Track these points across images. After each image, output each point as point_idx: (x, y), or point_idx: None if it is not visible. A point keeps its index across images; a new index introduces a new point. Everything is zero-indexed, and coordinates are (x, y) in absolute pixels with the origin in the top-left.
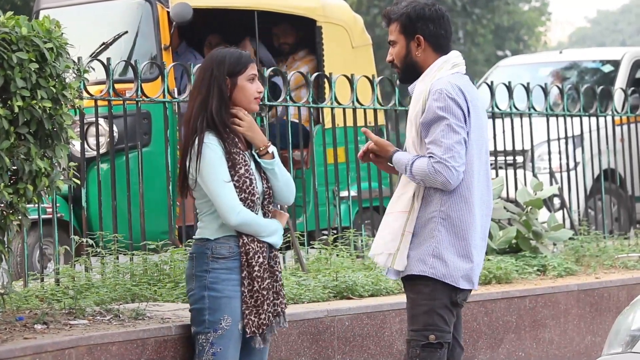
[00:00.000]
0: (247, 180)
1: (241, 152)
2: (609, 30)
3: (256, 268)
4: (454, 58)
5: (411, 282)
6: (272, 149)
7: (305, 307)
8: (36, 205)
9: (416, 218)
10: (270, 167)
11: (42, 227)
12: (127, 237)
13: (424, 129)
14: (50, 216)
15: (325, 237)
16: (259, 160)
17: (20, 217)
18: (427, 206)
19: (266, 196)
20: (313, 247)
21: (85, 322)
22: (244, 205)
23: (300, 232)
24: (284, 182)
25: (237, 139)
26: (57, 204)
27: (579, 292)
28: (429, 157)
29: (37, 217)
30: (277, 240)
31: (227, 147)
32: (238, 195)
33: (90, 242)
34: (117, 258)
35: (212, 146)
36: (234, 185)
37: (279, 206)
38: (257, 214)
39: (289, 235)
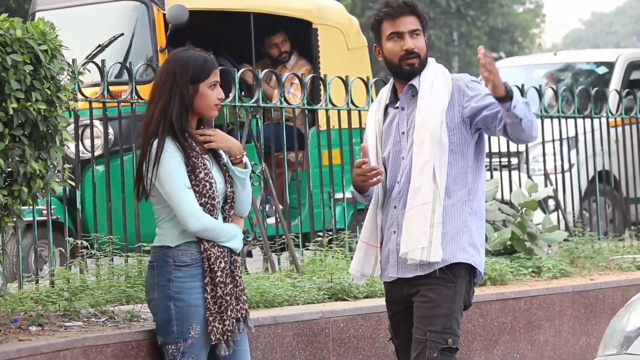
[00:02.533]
0: (207, 184)
1: (200, 155)
2: (603, 32)
3: (218, 274)
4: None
5: (436, 280)
6: (245, 158)
7: (300, 309)
8: (31, 207)
9: (442, 208)
10: (243, 176)
11: (37, 229)
12: (121, 239)
13: (478, 105)
14: (45, 218)
15: (320, 238)
16: (231, 168)
17: (15, 219)
18: (450, 195)
19: (228, 200)
20: (308, 249)
21: (80, 324)
22: (204, 210)
23: (295, 234)
24: (247, 193)
25: (194, 143)
26: (52, 206)
27: (573, 293)
28: None
29: (32, 219)
30: (237, 244)
31: (186, 152)
32: (198, 200)
33: (85, 243)
34: (112, 260)
35: (171, 151)
36: (194, 189)
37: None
38: (216, 218)
39: (284, 237)
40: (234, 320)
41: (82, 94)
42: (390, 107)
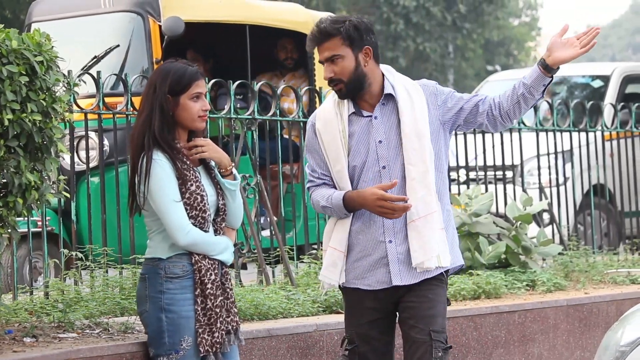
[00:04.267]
0: (198, 197)
1: (191, 167)
2: (599, 45)
3: (209, 286)
4: (390, 67)
5: (433, 281)
6: (234, 170)
7: (294, 322)
8: (26, 218)
9: (441, 214)
10: (234, 188)
11: (31, 240)
12: (116, 250)
13: (457, 104)
14: (40, 229)
15: (314, 251)
16: (221, 180)
17: (9, 230)
18: (442, 200)
19: (220, 212)
20: (302, 262)
21: (75, 336)
22: (195, 223)
23: (289, 247)
24: (238, 205)
25: (184, 156)
26: (47, 217)
27: (568, 307)
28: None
29: (26, 230)
30: (227, 257)
31: (176, 164)
32: (189, 213)
33: (80, 255)
34: (107, 271)
35: (161, 163)
36: (185, 202)
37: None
38: (207, 231)
39: (278, 249)
40: (223, 332)
41: (78, 106)
42: (354, 116)
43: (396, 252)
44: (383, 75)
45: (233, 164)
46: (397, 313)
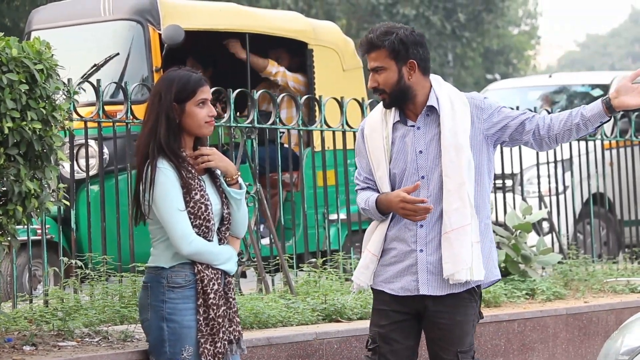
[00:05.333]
0: (203, 206)
1: (196, 176)
2: (599, 54)
3: (211, 295)
4: (439, 78)
5: (463, 295)
6: (240, 179)
7: (293, 330)
8: (25, 226)
9: (477, 227)
10: (239, 197)
11: (31, 248)
12: (116, 258)
13: (502, 120)
14: (40, 237)
15: (314, 259)
16: (226, 189)
17: (9, 239)
18: (479, 213)
19: (225, 221)
20: (302, 270)
21: (74, 344)
22: (199, 232)
23: (289, 255)
24: (243, 214)
25: (189, 165)
26: (47, 225)
27: (567, 316)
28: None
29: (26, 238)
30: (231, 267)
31: (180, 172)
32: (193, 222)
33: (80, 263)
34: (107, 280)
35: (165, 171)
36: (189, 211)
37: None
38: (211, 240)
39: (278, 258)
40: (225, 342)
41: (78, 114)
42: (399, 124)
43: (426, 261)
44: (431, 86)
45: (239, 173)
46: (423, 323)
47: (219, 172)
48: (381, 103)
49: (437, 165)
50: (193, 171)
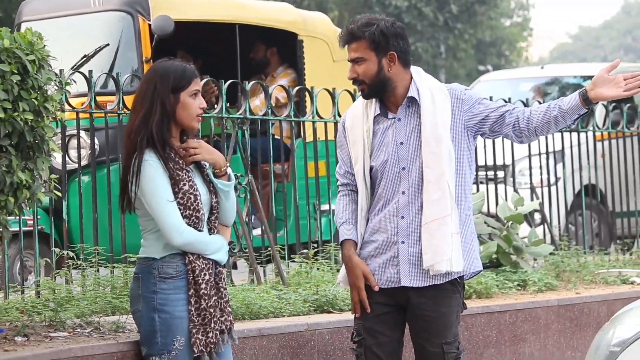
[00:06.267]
0: (192, 196)
1: (184, 167)
2: (591, 45)
3: (203, 286)
4: (420, 70)
5: (446, 286)
6: (229, 170)
7: (285, 321)
8: (17, 217)
9: (457, 218)
10: (227, 189)
11: (22, 239)
12: (107, 249)
13: (483, 112)
14: (31, 228)
15: (305, 250)
16: (214, 180)
17: (1, 229)
18: (460, 204)
19: (214, 211)
20: (294, 261)
21: (66, 335)
22: (189, 222)
23: (280, 246)
24: (232, 203)
25: (177, 155)
26: (38, 216)
27: (559, 307)
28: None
29: (17, 229)
30: (222, 257)
31: (167, 164)
32: (183, 212)
33: (71, 254)
34: (98, 270)
35: (153, 163)
36: (178, 202)
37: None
38: (202, 230)
39: (269, 249)
40: (217, 332)
41: (69, 104)
42: (380, 117)
43: (408, 253)
44: (412, 78)
45: (228, 164)
46: (407, 315)
47: (206, 162)
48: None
49: (417, 156)
50: (181, 162)
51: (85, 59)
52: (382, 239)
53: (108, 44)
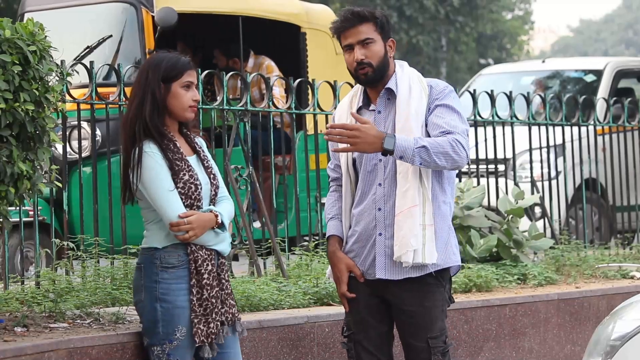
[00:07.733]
0: (192, 186)
1: (183, 157)
2: (592, 39)
3: (205, 276)
4: (405, 64)
5: (425, 285)
6: (220, 218)
7: (285, 313)
8: (18, 208)
9: (432, 209)
10: (223, 232)
11: (23, 229)
12: (108, 240)
13: (430, 113)
14: (32, 219)
15: (306, 243)
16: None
17: (1, 220)
18: (435, 197)
19: (213, 195)
20: (294, 253)
21: (66, 326)
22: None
23: (281, 238)
24: (230, 208)
25: (176, 146)
26: (39, 207)
27: (559, 301)
28: (448, 133)
29: (18, 219)
30: (225, 247)
31: (168, 155)
32: (184, 202)
33: (72, 245)
34: (98, 262)
35: (152, 154)
36: (179, 192)
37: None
38: None
39: (270, 241)
40: (218, 323)
41: (71, 95)
42: (364, 110)
43: (384, 245)
44: (394, 70)
45: (219, 220)
46: (392, 310)
47: (207, 153)
48: (351, 91)
49: None
50: (181, 151)
51: (88, 50)
52: (361, 231)
53: (111, 36)
